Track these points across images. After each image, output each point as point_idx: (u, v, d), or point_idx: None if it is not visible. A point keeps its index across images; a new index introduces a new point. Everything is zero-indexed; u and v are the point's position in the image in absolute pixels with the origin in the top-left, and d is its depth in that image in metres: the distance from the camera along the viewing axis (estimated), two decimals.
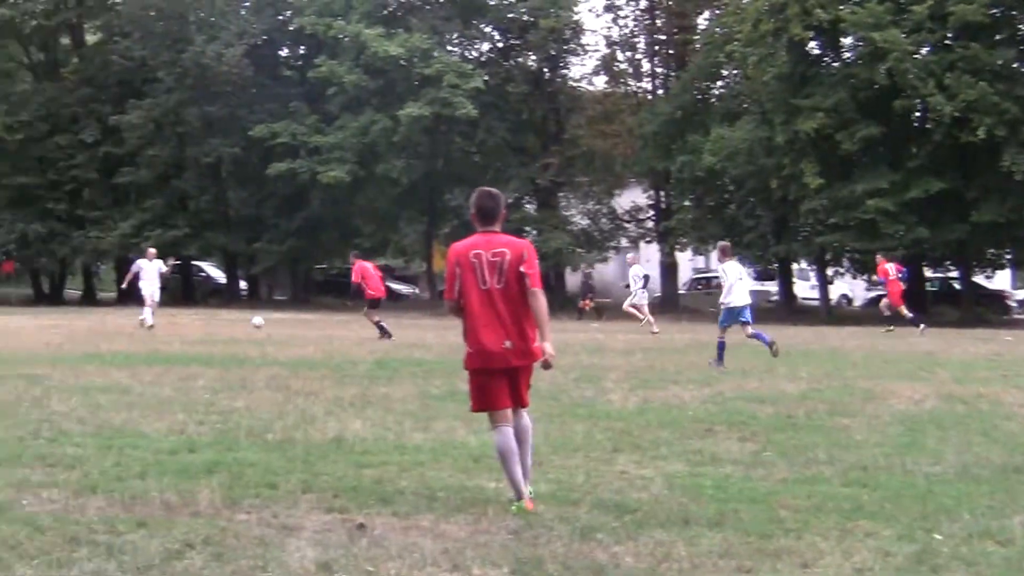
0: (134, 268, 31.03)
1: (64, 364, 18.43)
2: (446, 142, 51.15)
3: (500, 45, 54.32)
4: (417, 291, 59.18)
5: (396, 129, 46.54)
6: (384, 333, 26.60)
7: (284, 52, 56.93)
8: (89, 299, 57.54)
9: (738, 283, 20.55)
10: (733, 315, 20.40)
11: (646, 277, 34.67)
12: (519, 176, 50.65)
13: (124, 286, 35.65)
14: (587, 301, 41.91)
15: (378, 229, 56.64)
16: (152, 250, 31.75)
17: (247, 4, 54.02)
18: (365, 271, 28.11)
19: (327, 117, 49.53)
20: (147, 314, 29.20)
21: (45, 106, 54.67)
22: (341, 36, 48.23)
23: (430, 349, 23.55)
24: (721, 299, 20.73)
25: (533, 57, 52.96)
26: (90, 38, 60.36)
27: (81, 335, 26.58)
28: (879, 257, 33.96)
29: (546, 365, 8.23)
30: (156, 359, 19.75)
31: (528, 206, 53.99)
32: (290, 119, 49.35)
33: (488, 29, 53.74)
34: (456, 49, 52.30)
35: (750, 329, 20.94)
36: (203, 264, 60.91)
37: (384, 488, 8.89)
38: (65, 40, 60.33)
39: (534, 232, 51.49)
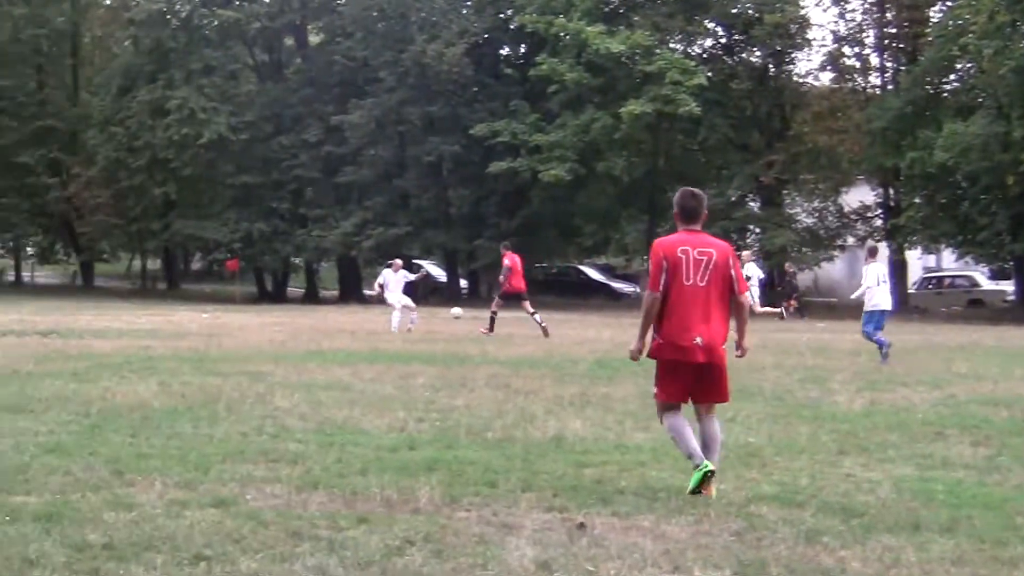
0: (380, 279, 31.42)
1: (287, 361, 18.90)
2: (668, 139, 50.92)
3: (724, 41, 53.78)
4: (638, 290, 59.02)
5: (617, 127, 46.47)
6: (491, 328, 26.98)
7: (505, 50, 57.42)
8: (311, 297, 59.05)
9: (879, 287, 20.87)
10: (874, 318, 20.76)
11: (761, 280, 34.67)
12: (742, 173, 50.13)
13: (371, 293, 36.17)
14: (791, 301, 41.56)
15: (599, 227, 56.73)
16: (398, 261, 32.21)
17: (468, 3, 54.76)
18: (515, 264, 28.48)
19: (548, 115, 49.75)
20: (396, 319, 29.06)
21: (269, 106, 56.41)
22: (562, 34, 48.35)
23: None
24: (855, 294, 21.59)
25: (757, 53, 52.30)
26: (313, 39, 62.06)
27: (303, 333, 27.24)
28: None
29: (741, 355, 9.03)
30: (377, 357, 20.08)
31: (751, 203, 53.38)
32: (511, 117, 49.72)
33: (711, 25, 53.23)
34: (679, 45, 51.94)
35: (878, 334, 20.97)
36: (424, 262, 61.90)
37: (604, 488, 8.83)
38: (289, 41, 62.18)
39: (757, 230, 50.86)
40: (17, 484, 8.53)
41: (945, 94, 49.21)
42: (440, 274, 59.86)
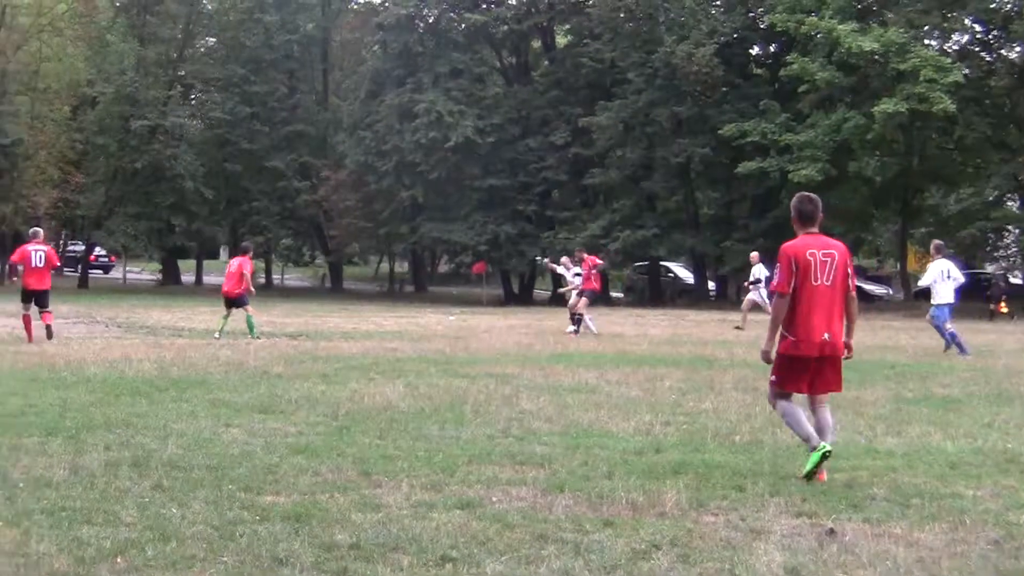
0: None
1: (533, 364, 19.08)
2: (922, 139, 49.47)
3: (981, 37, 51.94)
4: (891, 292, 57.73)
5: (870, 126, 45.41)
6: (577, 327, 27.51)
7: (755, 50, 56.78)
8: (557, 299, 59.36)
9: (942, 282, 21.91)
10: (944, 312, 22.06)
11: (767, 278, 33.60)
12: (1000, 173, 48.42)
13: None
14: (1001, 304, 41.36)
15: (850, 228, 55.56)
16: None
17: (718, 3, 54.39)
18: (594, 263, 28.64)
19: (798, 115, 48.99)
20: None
21: (516, 109, 57.10)
22: (813, 32, 47.55)
23: (904, 351, 22.90)
24: (921, 282, 23.22)
25: (1017, 49, 50.30)
26: (560, 41, 62.56)
27: (550, 335, 27.44)
28: None
29: (848, 356, 9.49)
30: (624, 360, 20.12)
31: (1010, 203, 51.52)
32: (760, 118, 49.15)
33: (968, 21, 51.47)
34: (933, 42, 50.43)
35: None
36: (671, 264, 61.70)
37: (854, 493, 8.72)
38: (536, 43, 62.83)
39: (1016, 231, 49.09)
40: (267, 484, 8.85)
41: None
42: (688, 277, 59.53)
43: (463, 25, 57.68)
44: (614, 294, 58.49)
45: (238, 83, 64.37)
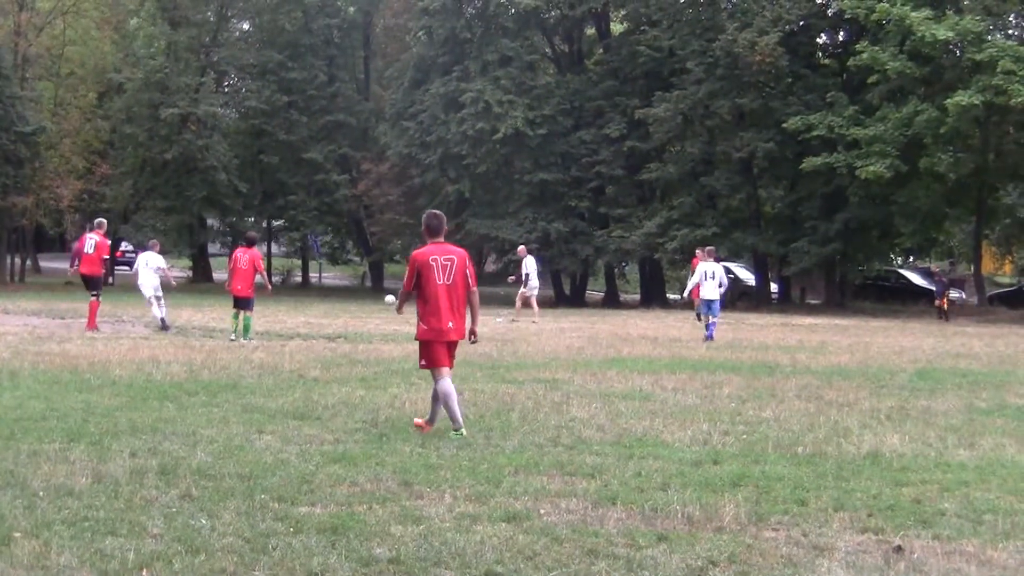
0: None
1: (584, 369, 19.08)
2: (998, 133, 49.05)
3: None
4: (964, 295, 57.35)
5: (943, 120, 45.07)
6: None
7: (822, 38, 56.50)
8: (612, 301, 59.35)
9: None
10: None
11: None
12: None
13: None
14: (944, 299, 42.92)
15: (920, 228, 55.24)
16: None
17: None
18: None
19: (867, 108, 48.69)
20: None
21: (568, 99, 56.98)
22: (885, 20, 47.26)
23: (977, 359, 22.77)
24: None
25: None
26: (616, 28, 62.43)
27: (602, 339, 27.39)
28: None
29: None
30: (680, 365, 20.09)
31: None
32: (827, 110, 48.88)
33: None
34: (1013, 31, 50.07)
35: None
36: (732, 265, 61.49)
37: (923, 508, 8.70)
38: (590, 30, 62.74)
39: None
40: (302, 494, 8.91)
41: None
42: (748, 278, 59.32)
43: (513, 10, 57.60)
44: (671, 296, 58.36)
45: (274, 70, 64.56)
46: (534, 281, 36.86)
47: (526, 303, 36.56)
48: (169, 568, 6.79)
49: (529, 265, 36.78)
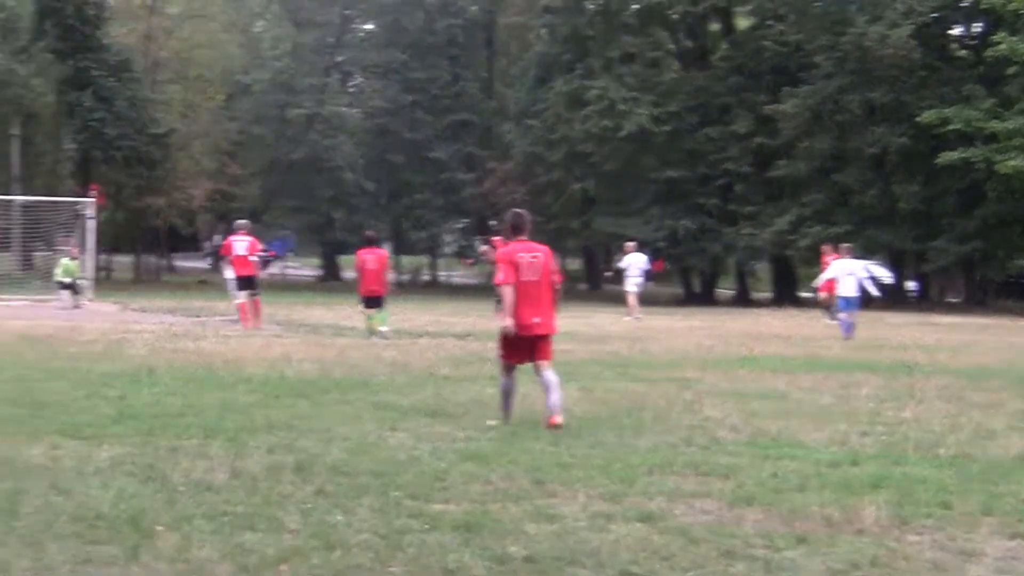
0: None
1: (716, 368, 18.98)
2: None
3: None
4: None
5: None
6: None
7: (956, 30, 55.59)
8: (742, 299, 58.93)
9: None
10: None
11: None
12: None
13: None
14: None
15: None
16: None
17: None
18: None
19: (1005, 100, 47.80)
20: None
21: (694, 96, 56.74)
22: (1022, 10, 46.41)
23: None
24: None
25: None
26: (741, 23, 61.98)
27: (734, 337, 27.24)
28: None
29: None
30: (815, 364, 19.90)
31: None
32: (963, 104, 48.08)
33: None
34: None
35: None
36: (867, 262, 60.61)
37: None
38: (714, 26, 62.35)
39: None
40: (435, 491, 8.94)
41: None
42: (886, 276, 58.42)
43: (636, 7, 57.47)
44: (805, 294, 57.80)
45: (398, 69, 65.18)
46: (635, 278, 36.41)
47: (634, 299, 36.24)
48: (307, 563, 6.86)
49: (631, 260, 36.41)
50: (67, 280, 35.87)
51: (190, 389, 14.65)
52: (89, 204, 42.10)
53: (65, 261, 36.41)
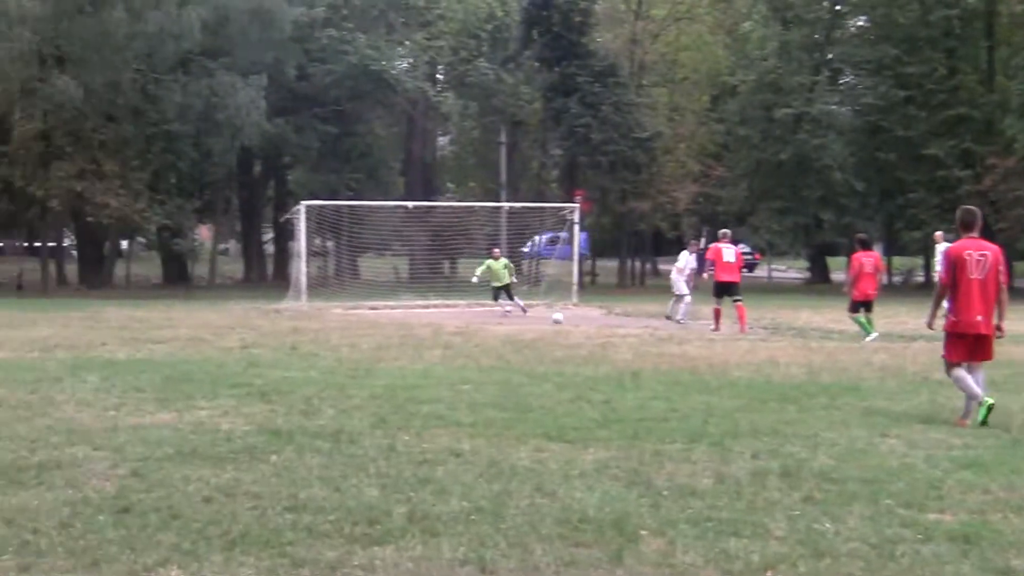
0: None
1: None
2: None
3: None
4: None
5: None
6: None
7: None
8: None
9: None
10: None
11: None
12: None
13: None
14: None
15: None
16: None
17: None
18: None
19: None
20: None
21: None
22: None
23: None
24: None
25: None
26: None
27: None
28: None
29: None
30: None
31: None
32: None
33: None
34: None
35: None
36: None
37: None
38: None
39: None
40: (930, 500, 8.70)
41: None
42: None
43: None
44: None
45: (890, 64, 63.72)
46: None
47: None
48: (794, 571, 6.78)
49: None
50: (497, 284, 34.81)
51: (674, 393, 14.79)
52: (575, 209, 43.22)
53: (490, 262, 35.25)
